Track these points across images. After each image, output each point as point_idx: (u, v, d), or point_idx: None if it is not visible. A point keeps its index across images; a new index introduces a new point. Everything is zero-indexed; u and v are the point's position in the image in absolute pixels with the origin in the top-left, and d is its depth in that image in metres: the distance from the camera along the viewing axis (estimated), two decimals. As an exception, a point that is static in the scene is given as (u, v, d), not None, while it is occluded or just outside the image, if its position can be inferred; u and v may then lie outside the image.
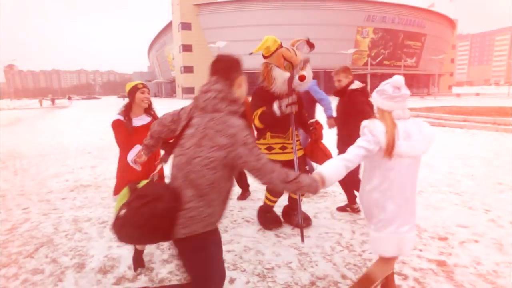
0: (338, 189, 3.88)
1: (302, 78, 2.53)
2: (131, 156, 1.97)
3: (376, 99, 1.69)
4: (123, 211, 1.33)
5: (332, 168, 1.57)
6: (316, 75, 2.95)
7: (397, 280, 2.22)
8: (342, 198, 3.75)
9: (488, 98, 32.45)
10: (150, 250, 2.65)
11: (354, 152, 1.61)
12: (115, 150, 8.51)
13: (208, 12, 47.88)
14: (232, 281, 2.22)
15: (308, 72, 2.59)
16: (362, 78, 47.35)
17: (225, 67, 1.49)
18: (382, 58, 51.61)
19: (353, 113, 2.89)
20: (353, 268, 2.36)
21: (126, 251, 2.63)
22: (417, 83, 56.36)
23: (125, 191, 1.45)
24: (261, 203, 3.24)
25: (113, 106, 33.31)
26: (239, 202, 3.81)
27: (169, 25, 57.79)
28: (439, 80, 61.04)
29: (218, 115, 1.39)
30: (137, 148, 1.97)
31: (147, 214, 1.29)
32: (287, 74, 2.56)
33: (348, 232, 2.94)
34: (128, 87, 2.34)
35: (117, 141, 2.28)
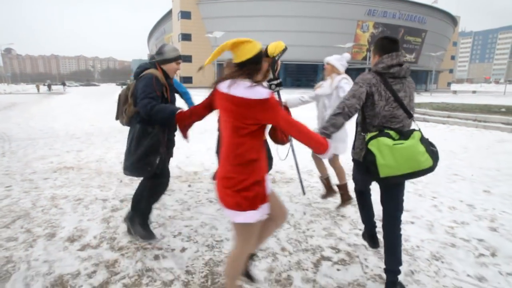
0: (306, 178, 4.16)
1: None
2: None
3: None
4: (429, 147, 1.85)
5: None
6: (315, 68, 3.21)
7: (330, 253, 2.52)
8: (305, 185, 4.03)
9: (483, 95, 32.67)
10: (117, 223, 2.93)
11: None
12: (103, 136, 8.81)
13: (208, 2, 47.48)
14: (183, 250, 2.50)
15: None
16: (360, 72, 47.31)
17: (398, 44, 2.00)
18: (382, 53, 51.47)
19: None
20: (293, 242, 2.65)
21: (95, 224, 2.92)
22: (416, 79, 56.31)
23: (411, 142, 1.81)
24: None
25: (110, 94, 33.35)
26: (207, 185, 4.08)
27: (169, 13, 57.30)
28: (439, 76, 61.08)
29: (409, 78, 2.01)
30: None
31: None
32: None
33: (300, 213, 3.22)
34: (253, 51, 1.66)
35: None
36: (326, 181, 3.48)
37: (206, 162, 5.22)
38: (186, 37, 48.53)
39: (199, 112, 1.95)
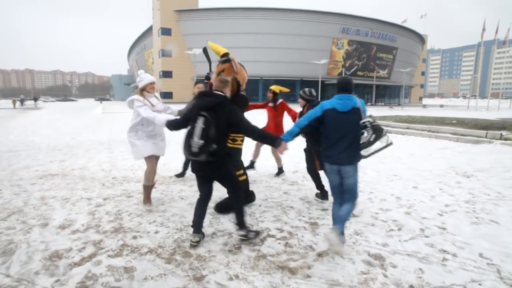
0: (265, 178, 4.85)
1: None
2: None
3: None
4: None
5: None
6: (293, 83, 3.90)
7: (275, 232, 3.18)
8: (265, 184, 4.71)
9: (449, 109, 35.07)
10: (101, 215, 3.48)
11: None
12: (84, 148, 9.28)
13: (188, 19, 48.72)
14: (157, 232, 3.09)
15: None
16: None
17: None
18: (356, 69, 54.18)
19: None
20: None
21: (82, 216, 3.45)
22: (389, 93, 59.41)
23: None
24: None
25: (88, 109, 33.19)
26: (179, 186, 4.67)
27: (149, 30, 58.03)
28: (411, 91, 64.57)
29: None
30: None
31: None
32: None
33: (256, 206, 3.88)
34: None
35: None
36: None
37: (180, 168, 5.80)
38: (166, 53, 49.27)
39: None
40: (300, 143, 3.94)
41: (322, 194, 4.10)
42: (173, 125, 2.95)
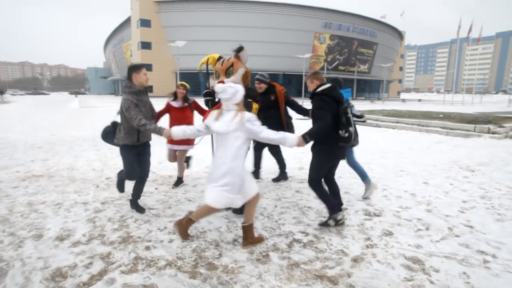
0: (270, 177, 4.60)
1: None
2: None
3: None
4: None
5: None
6: (275, 77, 3.52)
7: (300, 236, 2.93)
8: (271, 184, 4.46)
9: (427, 103, 36.19)
10: (103, 223, 3.09)
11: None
12: (67, 145, 8.63)
13: (169, 10, 47.16)
14: (171, 241, 2.76)
15: (229, 79, 3.12)
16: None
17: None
18: (338, 63, 54.72)
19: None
20: (268, 229, 3.04)
21: (80, 224, 3.06)
22: (369, 88, 60.60)
23: None
24: (201, 187, 3.82)
25: (64, 103, 31.56)
26: (183, 186, 4.33)
27: (127, 21, 55.77)
28: (389, 86, 66.17)
29: None
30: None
31: None
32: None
33: (271, 207, 3.63)
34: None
35: None
36: None
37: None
38: (146, 45, 47.56)
39: None
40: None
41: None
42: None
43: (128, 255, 2.50)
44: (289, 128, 4.26)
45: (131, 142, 3.11)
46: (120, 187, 3.55)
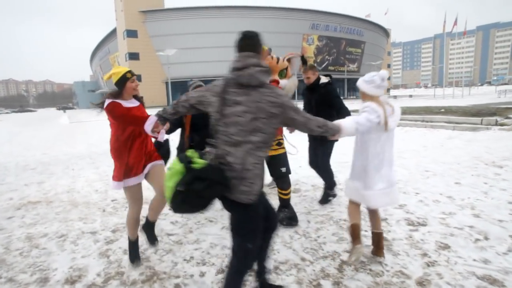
0: (304, 187, 4.21)
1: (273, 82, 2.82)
2: (149, 126, 2.10)
3: (365, 87, 2.26)
4: (180, 187, 1.47)
5: (348, 123, 2.00)
6: None
7: (347, 257, 2.56)
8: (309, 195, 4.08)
9: (419, 99, 36.40)
10: (119, 256, 2.67)
11: (364, 120, 2.10)
12: (63, 164, 8.06)
13: (154, 20, 46.70)
14: (202, 274, 2.36)
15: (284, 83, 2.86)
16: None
17: (255, 42, 1.70)
18: (327, 64, 54.93)
19: (329, 103, 3.42)
20: (310, 251, 2.66)
21: (92, 260, 2.63)
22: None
23: (177, 167, 1.52)
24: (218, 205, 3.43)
25: (53, 118, 30.75)
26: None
27: (113, 32, 55.10)
28: (378, 83, 66.70)
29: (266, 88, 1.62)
30: (153, 118, 2.07)
31: (209, 197, 1.54)
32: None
33: (304, 222, 3.25)
34: (117, 76, 2.35)
35: (118, 119, 2.32)
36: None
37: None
38: (133, 56, 46.92)
39: None
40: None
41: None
42: None
43: (157, 299, 2.09)
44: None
45: None
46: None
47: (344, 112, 3.34)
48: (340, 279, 2.25)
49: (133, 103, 2.45)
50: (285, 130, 3.17)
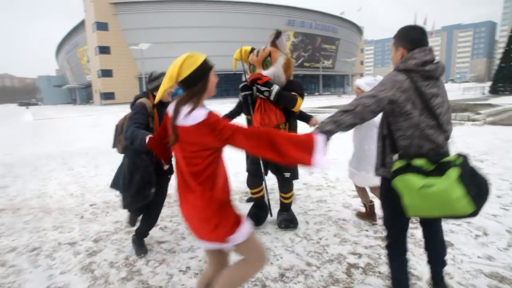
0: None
1: (253, 81, 2.62)
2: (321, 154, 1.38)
3: (366, 88, 2.64)
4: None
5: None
6: (240, 77, 3.00)
7: (354, 259, 2.45)
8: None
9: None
10: (104, 270, 2.39)
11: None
12: (31, 166, 7.44)
13: (126, 12, 44.74)
14: (202, 287, 2.15)
15: (269, 71, 2.66)
16: (286, 79, 50.24)
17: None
18: (303, 60, 55.46)
19: None
20: (314, 255, 2.52)
21: (74, 277, 2.32)
22: (334, 83, 62.26)
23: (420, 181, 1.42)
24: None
25: (14, 116, 28.72)
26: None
27: (81, 25, 52.22)
28: (352, 80, 68.50)
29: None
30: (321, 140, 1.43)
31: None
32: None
33: (303, 223, 3.11)
34: (193, 65, 1.39)
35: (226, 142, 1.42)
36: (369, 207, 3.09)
37: (173, 181, 4.75)
38: (104, 50, 44.75)
39: (164, 136, 1.63)
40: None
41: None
42: None
43: (154, 319, 1.85)
44: None
45: None
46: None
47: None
48: (350, 285, 2.13)
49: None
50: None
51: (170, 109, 1.44)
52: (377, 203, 2.46)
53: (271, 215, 3.04)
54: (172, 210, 3.59)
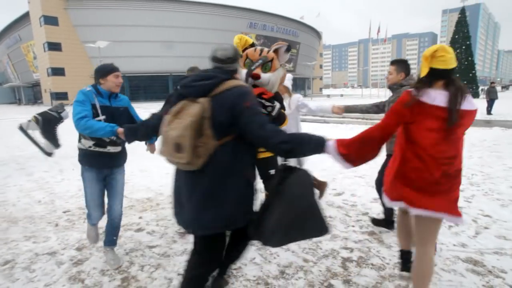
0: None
1: (254, 76, 2.57)
2: None
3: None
4: None
5: None
6: None
7: (346, 253, 2.58)
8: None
9: (350, 98, 39.84)
10: (96, 279, 2.24)
11: None
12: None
13: (78, 7, 41.82)
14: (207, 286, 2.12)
15: (272, 73, 2.59)
16: (250, 81, 50.65)
17: None
18: (266, 63, 56.25)
19: None
20: (310, 251, 2.60)
21: (61, 289, 2.15)
22: (295, 86, 63.96)
23: None
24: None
25: None
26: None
27: (25, 17, 47.80)
28: (312, 83, 71.00)
29: None
30: None
31: None
32: (245, 71, 2.54)
33: (293, 221, 3.19)
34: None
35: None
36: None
37: (150, 185, 4.59)
38: (54, 46, 41.41)
39: None
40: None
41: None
42: None
43: (162, 325, 1.79)
44: None
45: None
46: None
47: None
48: (348, 277, 2.24)
49: None
50: None
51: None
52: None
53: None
54: (156, 214, 3.47)
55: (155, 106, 27.81)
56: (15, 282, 2.25)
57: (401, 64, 3.00)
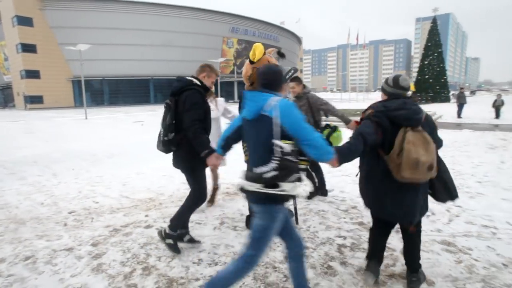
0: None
1: None
2: None
3: None
4: None
5: None
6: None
7: (341, 240, 2.92)
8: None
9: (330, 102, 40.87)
10: (118, 270, 2.45)
11: None
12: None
13: (55, 8, 40.63)
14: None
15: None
16: (229, 85, 50.92)
17: None
18: (247, 67, 56.77)
19: None
20: (308, 240, 2.93)
21: (87, 278, 2.35)
22: (277, 90, 64.82)
23: None
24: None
25: None
26: (174, 208, 3.80)
27: (-4, 17, 45.77)
28: (293, 87, 72.16)
29: None
30: None
31: None
32: None
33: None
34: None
35: None
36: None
37: (150, 186, 4.77)
38: (28, 48, 39.93)
39: None
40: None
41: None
42: None
43: (187, 303, 2.04)
44: None
45: None
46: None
47: None
48: (344, 260, 2.58)
49: None
50: None
51: None
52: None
53: (297, 223, 3.17)
54: (161, 212, 3.69)
55: (136, 111, 27.39)
56: (41, 274, 2.43)
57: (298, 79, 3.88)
